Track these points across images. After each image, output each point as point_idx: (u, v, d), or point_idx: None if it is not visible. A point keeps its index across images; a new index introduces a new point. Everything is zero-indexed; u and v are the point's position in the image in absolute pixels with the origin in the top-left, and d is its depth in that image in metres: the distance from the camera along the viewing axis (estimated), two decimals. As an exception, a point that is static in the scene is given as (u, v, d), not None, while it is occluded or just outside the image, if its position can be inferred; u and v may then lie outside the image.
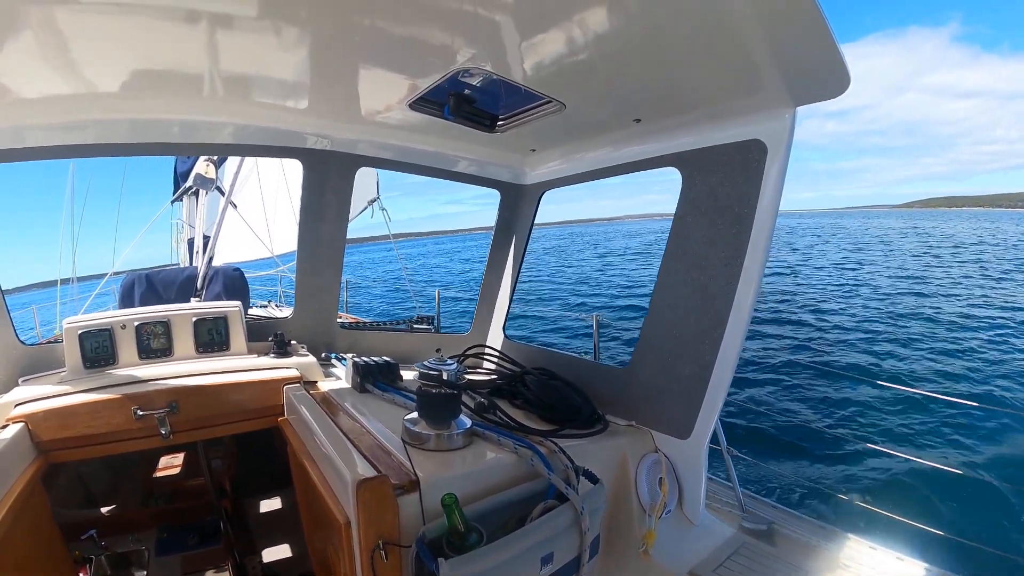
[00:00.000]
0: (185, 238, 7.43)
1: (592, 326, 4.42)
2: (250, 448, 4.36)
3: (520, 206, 3.57)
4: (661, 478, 2.38)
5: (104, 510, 3.66)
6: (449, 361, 2.16)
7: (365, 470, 1.78)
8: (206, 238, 6.57)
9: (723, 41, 1.60)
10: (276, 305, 7.16)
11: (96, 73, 2.18)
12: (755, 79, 1.82)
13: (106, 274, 7.88)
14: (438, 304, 6.43)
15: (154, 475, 3.95)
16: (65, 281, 8.35)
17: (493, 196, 3.53)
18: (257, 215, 7.45)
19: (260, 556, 3.58)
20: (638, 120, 2.34)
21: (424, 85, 2.24)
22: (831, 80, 1.73)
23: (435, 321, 4.04)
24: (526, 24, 1.64)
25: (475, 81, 2.19)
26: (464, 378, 2.25)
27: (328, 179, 3.17)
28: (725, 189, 2.15)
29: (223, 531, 3.56)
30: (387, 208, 6.44)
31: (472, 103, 2.47)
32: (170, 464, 4.05)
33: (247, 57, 2.09)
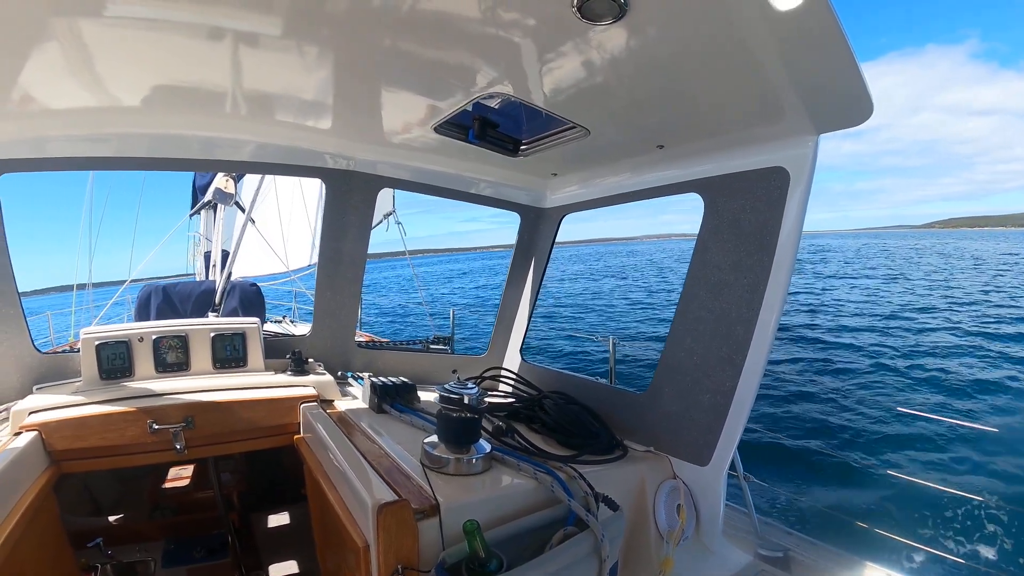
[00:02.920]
0: (202, 251, 7.50)
1: (608, 349, 4.37)
2: (259, 463, 4.35)
3: (540, 229, 3.58)
4: (679, 505, 2.35)
5: (111, 519, 3.66)
6: (470, 384, 2.15)
7: (385, 493, 1.77)
8: (223, 252, 6.63)
9: (746, 69, 1.61)
10: (291, 321, 7.19)
11: (119, 87, 2.21)
12: (778, 107, 1.82)
13: (123, 282, 7.96)
14: (452, 323, 6.43)
15: (162, 486, 3.95)
16: (81, 287, 8.44)
17: (511, 215, 3.54)
18: (272, 230, 7.51)
19: (267, 571, 3.56)
20: (661, 146, 2.34)
21: (449, 109, 2.26)
22: (854, 108, 1.73)
23: (451, 341, 4.02)
24: (551, 50, 1.65)
25: (499, 105, 2.21)
26: (485, 402, 2.23)
27: (350, 199, 3.19)
28: (748, 216, 2.14)
29: (231, 545, 3.55)
30: (404, 224, 6.47)
31: (495, 127, 2.49)
32: (179, 476, 4.05)
33: (271, 76, 2.11)
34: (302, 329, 5.45)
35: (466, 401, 2.07)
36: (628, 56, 1.61)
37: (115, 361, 2.93)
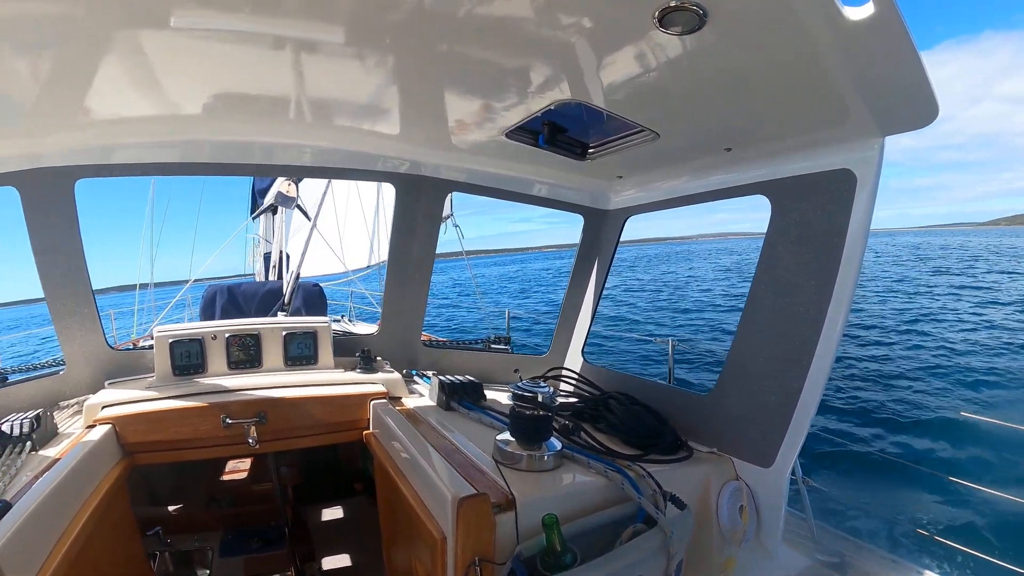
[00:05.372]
0: (261, 252, 7.74)
1: (668, 351, 4.36)
2: (315, 458, 4.46)
3: (603, 231, 3.58)
4: (742, 506, 2.35)
5: (170, 509, 3.81)
6: (542, 384, 2.20)
7: (464, 488, 1.82)
8: (283, 253, 6.84)
9: (815, 73, 1.62)
10: (349, 320, 7.36)
11: (182, 96, 2.30)
12: (844, 110, 1.83)
13: (185, 281, 8.24)
14: (508, 324, 6.48)
15: (219, 478, 4.10)
16: (143, 286, 8.70)
17: (562, 215, 3.55)
18: (329, 231, 7.69)
19: (319, 564, 3.66)
20: (728, 149, 2.35)
21: (522, 116, 2.31)
22: (920, 110, 1.72)
23: (511, 341, 4.08)
24: (628, 58, 1.68)
25: (567, 110, 2.24)
26: (557, 401, 2.29)
27: (420, 203, 3.27)
28: (815, 217, 2.14)
29: (287, 537, 3.65)
30: (459, 226, 6.56)
31: (564, 132, 2.53)
32: (236, 469, 4.21)
33: (335, 83, 2.18)
34: (360, 328, 5.58)
35: (540, 399, 2.11)
36: (702, 63, 1.64)
37: (188, 358, 3.06)
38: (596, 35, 1.58)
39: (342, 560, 3.70)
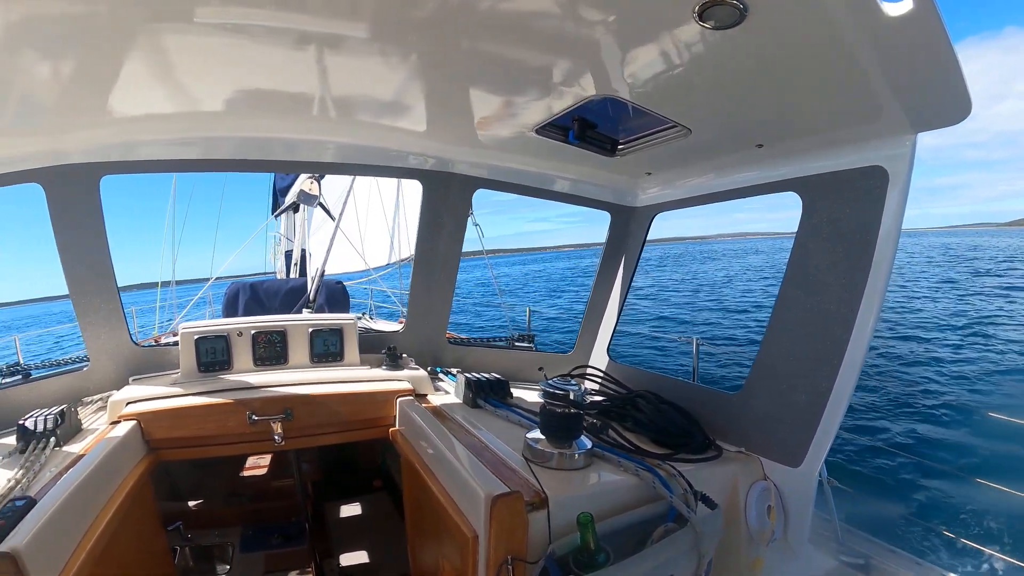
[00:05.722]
0: (283, 250, 7.81)
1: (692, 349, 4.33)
2: (335, 454, 4.50)
3: (630, 228, 3.55)
4: (770, 506, 2.34)
5: (190, 504, 3.84)
6: (572, 382, 2.19)
7: (496, 486, 1.82)
8: (303, 251, 6.89)
9: (850, 69, 1.61)
10: (370, 317, 7.41)
11: (204, 93, 2.31)
12: (877, 106, 1.81)
13: (205, 279, 8.33)
14: (529, 322, 6.49)
15: (240, 474, 4.13)
16: (165, 284, 8.80)
17: (580, 214, 3.64)
18: (350, 229, 7.74)
19: (338, 560, 3.68)
20: (760, 145, 2.33)
21: (553, 112, 2.31)
22: (953, 107, 1.69)
23: (535, 339, 4.07)
24: (664, 53, 1.67)
25: (598, 106, 2.23)
26: (588, 399, 2.28)
27: (447, 200, 3.27)
28: (846, 215, 2.12)
29: (307, 533, 3.68)
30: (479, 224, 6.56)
31: (594, 127, 2.52)
32: (256, 465, 4.24)
33: (361, 79, 2.18)
34: (380, 325, 5.62)
35: (571, 397, 2.11)
36: (739, 57, 1.63)
37: (214, 354, 3.07)
38: (633, 31, 1.57)
39: (360, 556, 3.73)
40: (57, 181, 2.67)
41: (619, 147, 2.67)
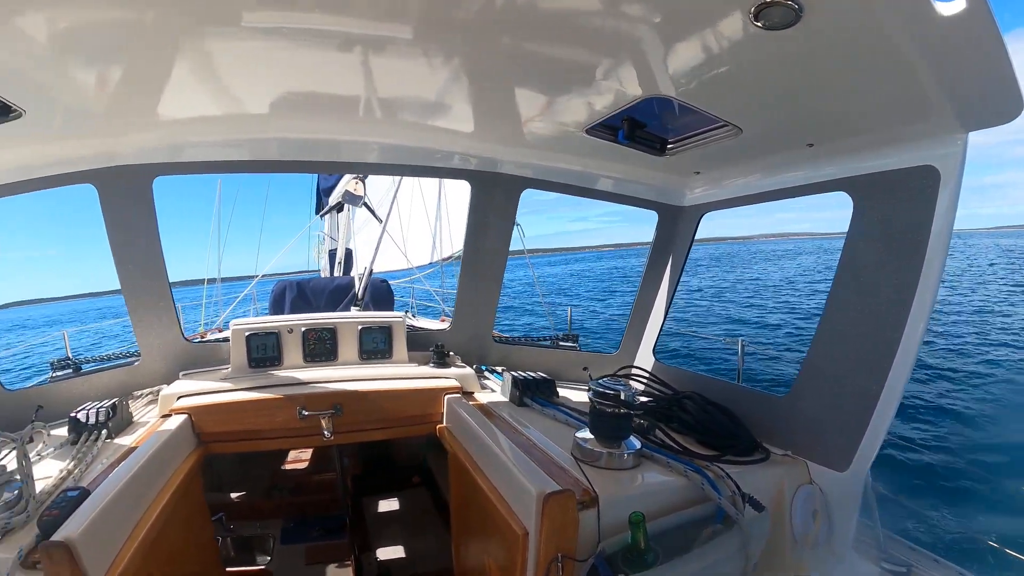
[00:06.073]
0: (326, 249, 7.97)
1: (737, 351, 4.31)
2: (375, 449, 4.61)
3: (678, 228, 3.51)
4: (815, 510, 2.33)
5: (232, 496, 3.95)
6: (622, 382, 2.22)
7: (548, 484, 1.84)
8: (348, 250, 7.03)
9: (903, 68, 1.60)
10: (412, 315, 7.53)
11: (250, 95, 2.37)
12: (927, 104, 1.79)
13: (247, 277, 8.52)
14: (570, 322, 6.52)
15: (281, 467, 4.25)
16: (211, 281, 9.07)
17: (619, 214, 3.66)
18: (392, 228, 7.86)
19: (375, 554, 3.73)
20: (811, 144, 2.31)
21: (602, 112, 2.31)
22: (1006, 105, 1.67)
23: (578, 339, 4.09)
24: (717, 54, 1.68)
25: (647, 105, 2.23)
26: (638, 400, 2.31)
27: (494, 200, 3.30)
28: (897, 215, 2.09)
29: (348, 526, 3.74)
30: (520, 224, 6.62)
31: (643, 127, 2.52)
32: (298, 459, 4.38)
33: (407, 80, 2.20)
34: (421, 323, 5.70)
35: (622, 397, 2.13)
36: (792, 57, 1.63)
37: (264, 350, 3.15)
38: (687, 31, 1.58)
39: (398, 551, 3.78)
40: (110, 182, 2.76)
41: (668, 146, 2.66)
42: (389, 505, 4.40)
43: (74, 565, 1.49)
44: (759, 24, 1.41)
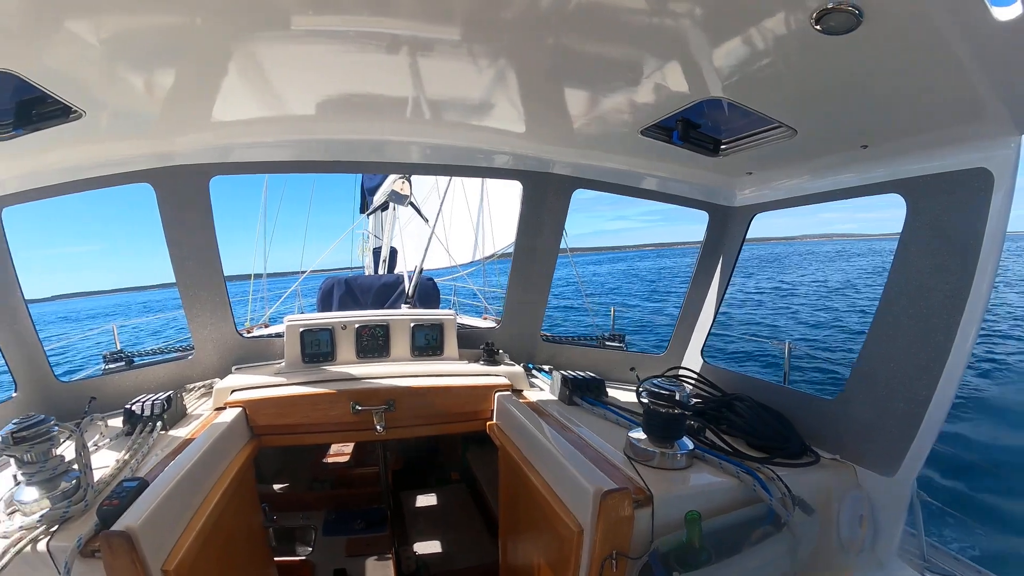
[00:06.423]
0: (371, 247, 8.12)
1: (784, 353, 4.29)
2: (416, 445, 4.70)
3: (729, 228, 3.46)
4: (862, 515, 2.31)
5: (275, 487, 4.08)
6: (675, 382, 2.24)
7: (604, 482, 1.87)
8: (392, 248, 7.17)
9: (958, 70, 1.60)
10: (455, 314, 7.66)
11: (301, 97, 2.42)
12: (982, 106, 1.78)
13: (291, 273, 8.70)
14: (613, 321, 6.54)
15: (323, 461, 4.35)
16: (258, 276, 9.24)
17: (660, 213, 3.62)
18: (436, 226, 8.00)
19: (413, 548, 3.80)
20: (865, 146, 2.29)
21: (659, 114, 2.33)
22: None
23: (624, 339, 4.11)
24: (777, 58, 1.69)
25: (701, 105, 2.24)
26: (692, 401, 2.32)
27: (546, 199, 3.33)
28: (950, 218, 2.08)
29: (389, 520, 3.82)
30: None
31: (697, 128, 2.53)
32: (339, 452, 4.48)
33: (457, 82, 2.23)
34: (467, 321, 5.79)
35: (677, 398, 2.16)
36: (850, 61, 1.64)
37: (318, 346, 3.24)
38: (747, 34, 1.59)
39: (433, 546, 3.85)
40: (167, 181, 2.86)
41: (722, 147, 2.65)
42: (427, 500, 4.48)
43: (134, 554, 1.54)
44: (819, 28, 1.43)
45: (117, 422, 2.61)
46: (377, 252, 7.50)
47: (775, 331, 23.83)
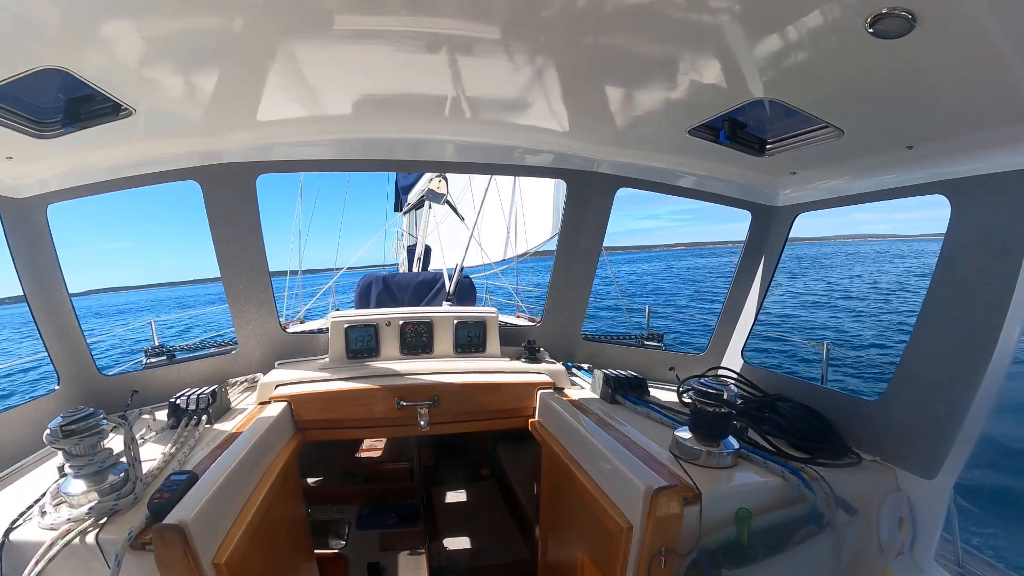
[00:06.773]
0: (405, 245, 8.21)
1: (822, 354, 4.26)
2: (447, 441, 4.75)
3: (771, 228, 3.42)
4: (901, 518, 2.32)
5: (310, 481, 4.13)
6: (725, 382, 2.27)
7: (654, 479, 1.89)
8: (427, 246, 7.25)
9: (1000, 71, 1.59)
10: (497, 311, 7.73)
11: (339, 97, 2.43)
12: (1021, 106, 1.77)
13: (325, 270, 8.82)
14: (648, 321, 6.54)
15: (355, 455, 4.40)
16: (293, 273, 9.33)
17: (691, 212, 3.65)
18: (470, 224, 8.08)
19: (443, 543, 3.85)
20: (910, 147, 2.28)
21: (707, 114, 2.33)
22: None
23: (663, 339, 4.12)
24: (829, 60, 1.69)
25: (749, 106, 2.24)
26: (738, 400, 2.32)
27: (590, 198, 3.34)
28: (996, 219, 2.06)
29: (422, 515, 3.86)
30: None
31: (744, 127, 2.53)
32: (372, 447, 4.54)
33: (499, 81, 2.23)
34: (502, 319, 5.83)
35: (725, 397, 2.18)
36: (900, 64, 1.64)
37: (362, 342, 3.30)
38: (798, 36, 1.60)
39: (463, 542, 3.89)
40: (214, 179, 2.90)
41: (768, 147, 2.65)
42: (458, 496, 4.52)
43: (187, 547, 1.56)
44: (871, 32, 1.44)
45: (160, 415, 2.67)
46: (412, 250, 7.58)
47: (811, 334, 23.52)
